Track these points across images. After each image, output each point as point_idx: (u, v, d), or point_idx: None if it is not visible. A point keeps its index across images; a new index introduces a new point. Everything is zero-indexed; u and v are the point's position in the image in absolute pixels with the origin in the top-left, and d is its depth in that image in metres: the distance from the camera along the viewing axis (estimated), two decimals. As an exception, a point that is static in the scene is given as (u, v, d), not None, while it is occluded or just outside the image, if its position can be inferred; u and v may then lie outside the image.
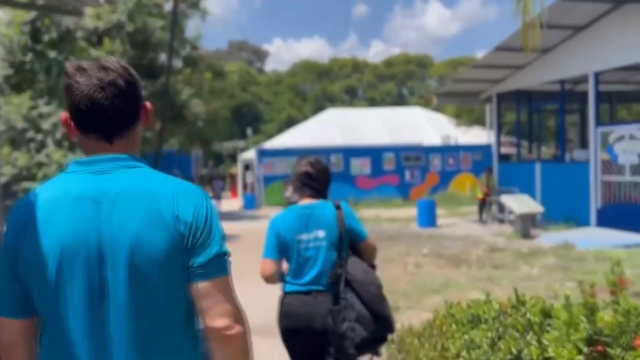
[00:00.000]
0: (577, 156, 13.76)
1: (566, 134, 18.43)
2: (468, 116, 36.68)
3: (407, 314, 6.26)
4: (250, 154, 28.51)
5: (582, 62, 12.83)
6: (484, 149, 27.35)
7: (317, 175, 2.99)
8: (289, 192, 16.04)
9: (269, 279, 2.94)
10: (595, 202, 12.62)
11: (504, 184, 15.52)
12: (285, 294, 2.96)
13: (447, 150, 26.63)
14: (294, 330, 2.88)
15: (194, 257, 1.32)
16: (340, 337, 2.76)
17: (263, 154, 24.37)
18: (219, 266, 1.35)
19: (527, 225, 12.76)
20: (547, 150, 25.26)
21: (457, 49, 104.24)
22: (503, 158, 29.06)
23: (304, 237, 2.90)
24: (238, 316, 1.35)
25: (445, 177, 25.64)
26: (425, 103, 48.60)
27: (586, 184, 12.78)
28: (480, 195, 15.62)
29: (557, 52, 13.62)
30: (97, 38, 15.05)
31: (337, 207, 2.97)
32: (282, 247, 2.93)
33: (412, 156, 25.41)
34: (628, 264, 8.78)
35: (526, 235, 12.63)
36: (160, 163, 9.07)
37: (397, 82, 64.44)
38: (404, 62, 65.77)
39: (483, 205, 15.52)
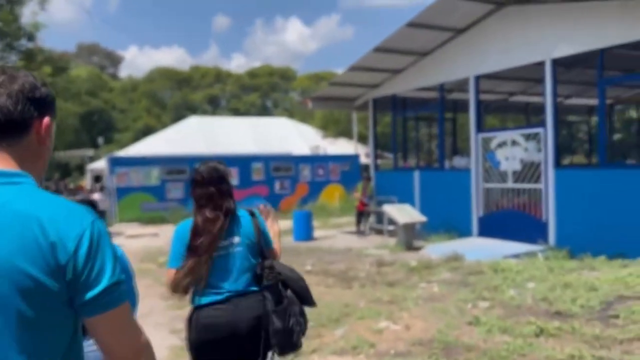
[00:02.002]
0: (457, 163, 13.37)
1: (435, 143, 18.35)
2: (335, 127, 36.67)
3: None
4: (101, 164, 25.47)
5: (462, 65, 12.44)
6: (352, 159, 27.15)
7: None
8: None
9: (176, 290, 2.86)
10: (476, 210, 12.22)
11: (381, 192, 14.79)
12: (201, 306, 2.87)
13: (317, 160, 25.90)
14: (214, 342, 2.81)
15: (82, 290, 1.19)
16: (289, 333, 2.87)
17: (116, 162, 21.60)
18: (112, 297, 1.22)
19: (410, 236, 12.00)
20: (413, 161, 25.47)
21: (317, 65, 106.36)
22: (368, 169, 29.25)
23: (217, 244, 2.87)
24: (139, 349, 1.26)
25: (315, 187, 24.80)
26: (290, 115, 48.24)
27: (467, 192, 12.36)
28: (357, 204, 14.72)
29: (436, 56, 13.17)
30: None
31: (252, 214, 3.04)
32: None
33: (282, 166, 24.23)
34: (527, 277, 8.15)
35: (410, 246, 11.86)
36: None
37: (261, 94, 63.53)
38: (268, 74, 65.20)
39: (361, 215, 14.64)
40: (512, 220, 11.40)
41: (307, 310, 7.22)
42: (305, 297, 3.06)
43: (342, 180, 25.20)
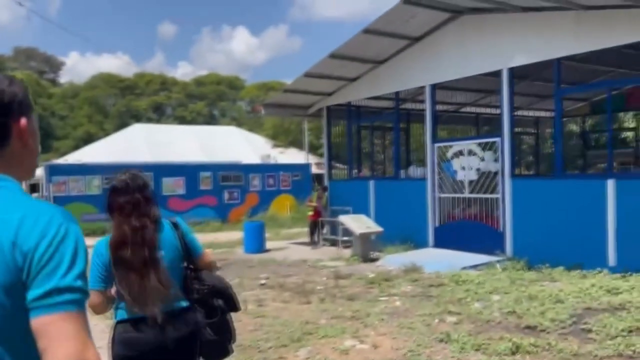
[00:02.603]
0: (413, 173, 13.19)
1: (389, 153, 18.22)
2: (285, 137, 36.27)
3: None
4: (38, 172, 24.04)
5: (418, 74, 12.30)
6: (304, 169, 26.78)
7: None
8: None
9: (96, 310, 2.74)
10: (432, 220, 12.04)
11: (335, 202, 14.45)
12: (122, 321, 2.75)
13: (267, 169, 25.38)
14: (138, 358, 2.70)
15: (32, 288, 1.12)
16: (221, 343, 2.88)
17: (54, 171, 20.38)
18: (60, 300, 1.12)
19: (366, 247, 11.68)
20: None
21: (264, 76, 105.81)
22: (322, 179, 28.92)
23: None
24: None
25: (266, 197, 24.25)
26: (239, 124, 47.49)
27: (423, 202, 12.17)
28: (311, 215, 14.31)
29: (392, 64, 12.99)
30: None
31: (175, 225, 2.92)
32: (110, 274, 2.72)
33: (231, 176, 23.56)
34: (489, 289, 7.95)
35: (366, 258, 11.53)
36: None
37: (208, 103, 62.39)
38: (215, 82, 64.12)
39: (315, 226, 14.23)
40: (468, 231, 11.27)
41: (267, 330, 6.77)
42: (234, 306, 3.01)
43: (293, 190, 24.77)
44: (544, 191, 10.07)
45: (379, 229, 11.80)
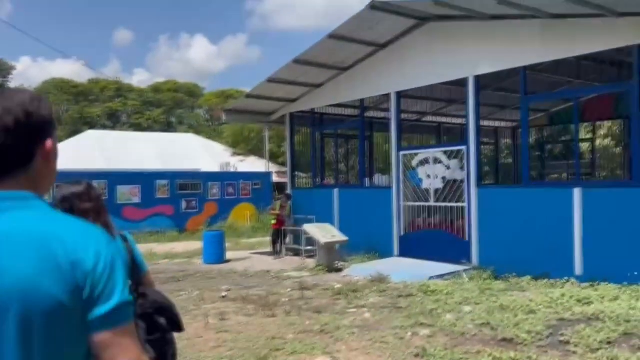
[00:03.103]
0: (378, 181, 12.99)
1: (352, 161, 18.03)
2: (245, 145, 35.74)
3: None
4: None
5: (384, 81, 12.14)
6: (264, 178, 26.34)
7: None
8: None
9: None
10: (398, 229, 11.85)
11: (299, 211, 14.11)
12: None
13: (227, 178, 24.83)
14: None
15: (95, 307, 1.21)
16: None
17: (0, 178, 19.31)
18: (121, 315, 1.24)
19: (331, 256, 11.38)
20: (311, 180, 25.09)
21: (223, 84, 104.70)
22: (282, 188, 28.53)
23: None
24: None
25: (225, 206, 23.65)
26: (197, 132, 46.66)
27: (388, 211, 11.98)
28: (274, 223, 13.92)
29: (357, 71, 12.81)
30: None
31: (124, 239, 2.85)
32: None
33: (189, 184, 22.89)
34: (459, 300, 7.76)
35: (331, 267, 11.23)
36: None
37: (166, 110, 61.12)
38: (173, 89, 62.89)
39: (277, 235, 13.84)
40: (434, 240, 11.12)
41: (231, 346, 6.34)
42: (178, 324, 2.92)
43: (253, 199, 24.29)
44: (511, 200, 10.01)
45: (344, 238, 11.53)
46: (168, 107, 61.07)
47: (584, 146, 22.95)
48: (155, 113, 58.90)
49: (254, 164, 31.12)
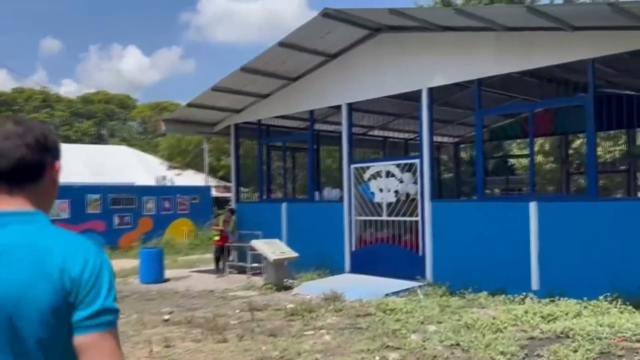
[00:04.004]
0: (328, 195, 12.57)
1: (299, 175, 17.57)
2: (182, 158, 34.57)
3: None
4: None
5: (334, 92, 11.79)
6: (203, 192, 25.45)
7: None
8: None
9: None
10: (349, 245, 11.45)
11: (244, 226, 13.46)
12: None
13: (163, 192, 23.76)
14: None
15: (78, 310, 1.30)
16: None
17: None
18: (102, 320, 1.31)
19: (281, 274, 10.82)
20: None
21: (157, 96, 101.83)
22: (221, 203, 27.65)
23: None
24: None
25: (161, 222, 22.54)
26: (130, 145, 44.88)
27: (339, 226, 11.57)
28: (216, 240, 13.19)
29: (307, 81, 12.41)
30: None
31: None
32: None
33: (122, 198, 21.66)
34: (421, 318, 7.43)
35: (281, 286, 10.66)
36: None
37: (96, 122, 58.62)
38: (104, 100, 60.45)
39: (221, 252, 13.11)
40: (387, 255, 10.79)
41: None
42: None
43: (191, 214, 23.35)
44: (465, 214, 9.84)
45: (295, 254, 10.99)
46: (99, 119, 58.63)
47: (521, 162, 23.61)
48: (85, 125, 56.41)
49: (191, 178, 30.09)
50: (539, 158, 22.77)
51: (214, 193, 27.76)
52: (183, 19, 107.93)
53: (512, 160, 24.23)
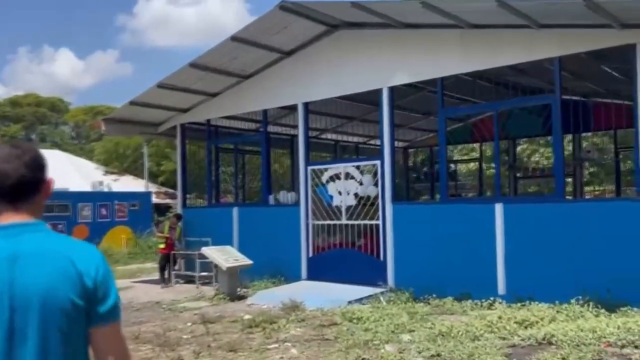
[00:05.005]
0: (284, 199, 11.97)
1: (248, 181, 16.85)
2: (120, 163, 33.00)
3: None
4: None
5: (290, 91, 11.25)
6: (143, 198, 24.28)
7: None
8: None
9: None
10: (306, 250, 10.90)
11: (191, 233, 12.66)
12: None
13: (99, 198, 22.47)
14: None
15: (97, 306, 1.57)
16: None
17: None
18: (116, 312, 1.61)
19: (234, 283, 10.13)
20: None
21: (92, 100, 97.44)
22: (162, 209, 26.43)
23: None
24: (127, 356, 1.65)
25: (97, 229, 21.20)
26: (62, 149, 42.59)
27: (295, 230, 11.00)
28: (162, 248, 12.32)
29: (260, 79, 11.80)
30: None
31: None
32: None
33: (55, 205, 20.24)
34: (391, 327, 6.99)
35: (234, 295, 9.98)
36: None
37: (26, 125, 55.49)
38: (34, 103, 57.29)
39: (166, 260, 12.25)
40: (346, 261, 10.31)
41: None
42: None
43: (130, 221, 22.16)
44: (428, 216, 9.51)
45: (249, 261, 10.33)
46: (28, 123, 55.50)
47: (469, 167, 23.84)
48: (13, 129, 53.20)
49: (130, 184, 28.73)
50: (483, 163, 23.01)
51: (155, 199, 26.57)
52: (119, 22, 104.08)
53: (454, 166, 24.38)
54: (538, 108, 12.93)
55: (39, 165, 1.63)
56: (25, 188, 1.59)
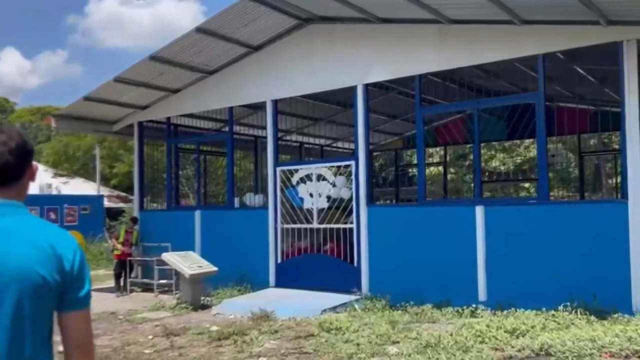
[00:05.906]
0: (250, 201, 11.34)
1: (210, 183, 16.10)
2: (70, 165, 31.49)
3: None
4: None
5: (258, 87, 10.67)
6: (95, 201, 23.17)
7: None
8: None
9: None
10: (274, 256, 10.31)
11: (149, 238, 11.87)
12: None
13: (48, 201, 21.29)
14: None
15: (75, 290, 1.64)
16: None
17: None
18: (88, 299, 1.68)
19: (197, 291, 9.45)
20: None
21: (39, 100, 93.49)
22: (114, 214, 25.21)
23: None
24: (92, 339, 1.72)
25: (45, 235, 19.99)
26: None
27: (263, 235, 10.40)
28: (117, 254, 11.48)
29: (226, 74, 11.17)
30: None
31: None
32: None
33: (-1, 209, 18.95)
34: (373, 338, 6.53)
35: (198, 305, 9.29)
36: None
37: (-34, 125, 52.56)
38: (-22, 103, 54.50)
39: (122, 267, 11.41)
40: (318, 267, 9.78)
41: None
42: None
43: (81, 226, 21.01)
44: (405, 220, 9.09)
45: (214, 268, 9.66)
46: (-30, 123, 52.72)
47: (425, 171, 23.67)
48: (-47, 128, 50.40)
49: (81, 187, 27.38)
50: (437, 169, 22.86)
51: (107, 203, 25.39)
52: (69, 22, 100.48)
53: (412, 170, 24.16)
54: (500, 112, 12.84)
55: (23, 152, 1.67)
56: (9, 173, 1.65)
